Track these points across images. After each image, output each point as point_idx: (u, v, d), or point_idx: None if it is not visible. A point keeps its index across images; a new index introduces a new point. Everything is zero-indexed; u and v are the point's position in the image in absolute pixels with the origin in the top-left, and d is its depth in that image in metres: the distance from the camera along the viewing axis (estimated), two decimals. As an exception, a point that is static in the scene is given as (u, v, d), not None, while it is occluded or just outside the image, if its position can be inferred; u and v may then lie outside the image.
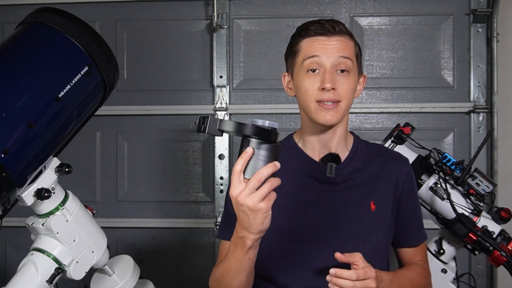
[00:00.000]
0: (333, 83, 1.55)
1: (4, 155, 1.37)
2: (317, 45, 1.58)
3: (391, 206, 1.67)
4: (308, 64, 1.58)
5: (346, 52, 1.58)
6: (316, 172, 1.64)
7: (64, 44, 1.55)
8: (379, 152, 1.74)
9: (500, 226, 2.02)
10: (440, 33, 3.08)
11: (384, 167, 1.69)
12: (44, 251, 1.57)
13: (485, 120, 3.00)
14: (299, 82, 1.62)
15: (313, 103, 1.58)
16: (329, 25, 1.58)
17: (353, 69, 1.60)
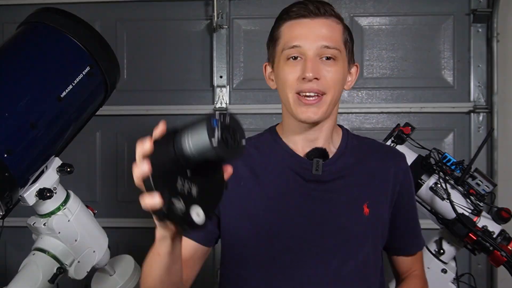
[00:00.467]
0: (316, 72, 1.36)
1: (6, 155, 1.38)
2: (298, 31, 1.39)
3: (386, 209, 1.49)
4: (288, 53, 1.40)
5: (332, 40, 1.39)
6: (301, 169, 1.44)
7: (66, 44, 1.56)
8: (373, 147, 1.56)
9: (500, 226, 2.02)
10: (440, 33, 3.08)
11: (379, 164, 1.50)
12: (46, 251, 1.58)
13: (485, 120, 3.01)
14: (279, 71, 1.43)
15: (292, 95, 1.40)
16: (313, 6, 1.39)
17: (341, 57, 1.42)
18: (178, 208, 0.96)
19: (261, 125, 3.11)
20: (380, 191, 1.48)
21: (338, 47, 1.41)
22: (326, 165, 1.44)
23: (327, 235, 1.42)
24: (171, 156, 0.99)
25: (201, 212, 0.98)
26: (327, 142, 1.48)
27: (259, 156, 1.48)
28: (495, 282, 2.95)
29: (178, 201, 0.97)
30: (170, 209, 0.96)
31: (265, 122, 3.11)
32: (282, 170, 1.46)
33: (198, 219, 0.97)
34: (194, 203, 0.98)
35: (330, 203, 1.44)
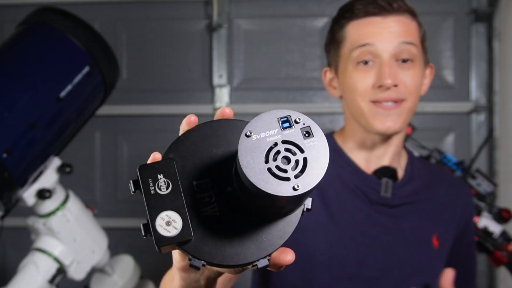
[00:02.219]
0: (394, 78, 1.18)
1: (6, 155, 1.38)
2: (369, 29, 1.20)
3: (450, 244, 1.34)
4: (358, 55, 1.21)
5: (409, 36, 1.22)
6: (367, 189, 1.26)
7: (65, 44, 1.55)
8: (440, 175, 1.40)
9: (501, 226, 2.02)
10: (440, 33, 3.08)
11: (447, 193, 1.35)
12: (45, 251, 1.58)
13: (485, 120, 3.00)
14: (347, 78, 1.23)
15: (366, 104, 1.21)
16: (385, 2, 1.20)
17: (419, 57, 1.25)
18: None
19: (261, 125, 3.10)
20: (448, 223, 1.33)
21: (416, 43, 1.25)
22: (395, 188, 1.28)
23: (392, 266, 1.26)
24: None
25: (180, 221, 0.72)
26: (394, 160, 1.31)
27: None
28: (496, 282, 2.95)
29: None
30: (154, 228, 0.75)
31: (265, 122, 3.10)
32: (345, 187, 1.27)
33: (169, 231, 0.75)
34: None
35: (398, 231, 1.28)
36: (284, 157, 0.60)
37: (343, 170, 1.28)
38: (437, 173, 1.39)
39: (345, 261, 1.24)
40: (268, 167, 0.59)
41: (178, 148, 0.71)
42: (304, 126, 0.62)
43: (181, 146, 0.71)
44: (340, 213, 1.25)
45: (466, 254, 1.39)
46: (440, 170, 1.45)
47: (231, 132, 0.73)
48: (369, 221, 1.26)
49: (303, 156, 0.60)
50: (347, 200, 1.26)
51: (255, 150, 0.60)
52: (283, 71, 3.13)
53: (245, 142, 0.60)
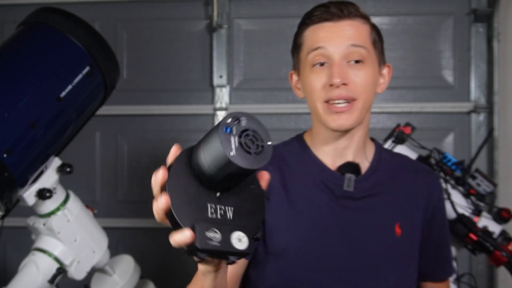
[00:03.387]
0: (344, 77, 1.27)
1: (6, 155, 1.38)
2: (321, 34, 1.31)
3: (419, 231, 1.41)
4: (312, 58, 1.31)
5: (358, 39, 1.30)
6: (332, 184, 1.35)
7: (66, 44, 1.56)
8: (407, 164, 1.47)
9: (500, 226, 2.02)
10: (440, 33, 3.08)
11: (413, 182, 1.42)
12: (46, 251, 1.58)
13: (485, 120, 3.00)
14: (305, 80, 1.34)
15: (321, 104, 1.31)
16: (336, 8, 1.31)
17: (370, 58, 1.32)
18: (215, 240, 0.82)
19: (261, 125, 3.10)
20: (413, 211, 1.40)
21: (366, 46, 1.31)
22: (358, 181, 1.36)
23: (357, 256, 1.34)
24: (191, 179, 0.86)
25: (243, 236, 0.84)
26: (358, 153, 1.39)
27: (288, 169, 1.39)
28: (496, 282, 2.95)
29: (213, 231, 0.83)
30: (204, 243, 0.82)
31: (265, 122, 3.07)
32: (311, 184, 1.37)
33: (241, 245, 0.83)
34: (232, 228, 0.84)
35: (361, 222, 1.36)
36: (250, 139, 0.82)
37: (310, 168, 1.38)
38: (404, 163, 1.47)
39: (314, 253, 1.32)
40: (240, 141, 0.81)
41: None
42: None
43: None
44: (306, 209, 1.34)
45: (438, 238, 1.45)
46: (408, 160, 1.52)
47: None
48: (334, 215, 1.34)
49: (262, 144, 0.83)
50: (313, 197, 1.35)
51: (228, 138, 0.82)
52: (283, 71, 3.13)
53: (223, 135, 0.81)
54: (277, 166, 1.38)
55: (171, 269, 3.17)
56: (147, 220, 3.22)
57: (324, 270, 1.33)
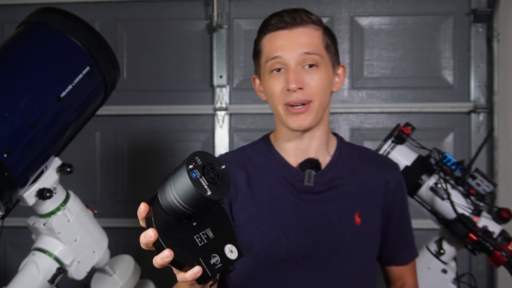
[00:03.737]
0: (299, 82, 1.38)
1: (6, 155, 1.38)
2: (277, 43, 1.42)
3: (378, 218, 1.50)
4: (270, 65, 1.43)
5: (311, 46, 1.41)
6: (294, 180, 1.46)
7: (66, 44, 1.56)
8: (367, 157, 1.56)
9: (500, 226, 2.02)
10: (440, 33, 3.08)
11: (372, 174, 1.51)
12: (46, 251, 1.58)
13: (485, 120, 3.00)
14: (266, 85, 1.46)
15: (281, 107, 1.42)
16: (289, 17, 1.41)
17: (323, 62, 1.42)
18: (217, 263, 0.97)
19: (261, 125, 3.11)
20: (372, 200, 1.49)
21: (319, 52, 1.42)
22: (318, 176, 1.46)
23: (319, 245, 1.42)
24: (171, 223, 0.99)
25: (231, 246, 1.00)
26: (320, 150, 1.49)
27: (254, 168, 1.50)
28: (496, 282, 2.95)
29: (214, 257, 0.98)
30: (213, 270, 0.97)
31: (265, 122, 3.11)
32: (275, 181, 1.47)
33: (235, 254, 1.00)
34: (221, 245, 1.00)
35: (322, 214, 1.45)
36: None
37: (274, 166, 1.48)
38: (365, 156, 1.56)
39: (278, 245, 1.42)
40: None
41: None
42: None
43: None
44: (271, 204, 1.44)
45: (398, 224, 1.53)
46: (369, 152, 1.61)
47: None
48: (296, 208, 1.44)
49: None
50: (277, 193, 1.45)
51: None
52: (283, 71, 3.13)
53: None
54: (243, 166, 1.49)
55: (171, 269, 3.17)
56: (147, 220, 3.22)
57: (289, 260, 1.43)
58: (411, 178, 2.07)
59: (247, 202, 1.46)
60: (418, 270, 2.07)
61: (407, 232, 1.59)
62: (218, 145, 3.13)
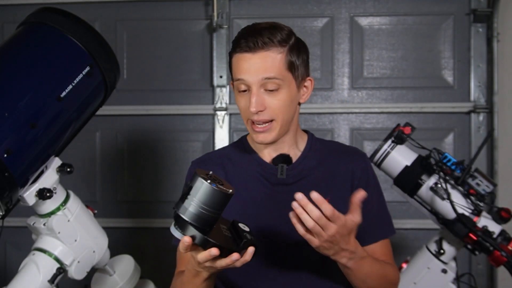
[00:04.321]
0: (259, 105, 1.49)
1: (6, 155, 1.38)
2: (242, 65, 1.50)
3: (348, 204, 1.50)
4: (237, 85, 1.54)
5: (270, 71, 1.49)
6: (268, 174, 1.60)
7: (66, 44, 1.55)
8: (335, 149, 1.69)
9: (500, 226, 2.02)
10: (440, 33, 3.08)
11: (339, 163, 1.63)
12: (46, 251, 1.58)
13: (485, 120, 3.00)
14: (236, 99, 1.58)
15: (248, 122, 1.55)
16: (253, 41, 1.49)
17: (285, 83, 1.51)
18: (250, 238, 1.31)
19: (261, 125, 3.11)
20: (340, 188, 1.60)
21: (279, 76, 1.50)
22: (290, 169, 1.59)
23: (293, 231, 1.44)
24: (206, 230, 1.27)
25: (244, 226, 1.35)
26: (291, 147, 1.62)
27: (232, 166, 1.64)
28: (495, 282, 2.95)
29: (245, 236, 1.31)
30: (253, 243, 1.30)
31: (265, 122, 3.11)
32: (251, 177, 1.61)
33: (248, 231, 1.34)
34: (239, 230, 1.32)
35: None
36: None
37: (251, 164, 1.62)
38: (333, 149, 1.68)
39: (256, 233, 1.47)
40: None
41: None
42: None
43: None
44: (247, 198, 1.57)
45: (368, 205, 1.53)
46: (338, 145, 1.73)
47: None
48: (271, 200, 1.58)
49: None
50: (253, 187, 1.59)
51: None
52: (283, 71, 3.13)
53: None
54: (220, 165, 1.63)
55: (171, 269, 3.17)
56: (147, 220, 3.22)
57: (265, 246, 1.54)
58: (411, 178, 2.07)
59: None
60: (418, 270, 2.08)
61: (375, 213, 1.62)
62: (218, 145, 3.13)
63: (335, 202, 1.47)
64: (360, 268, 1.47)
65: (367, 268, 1.50)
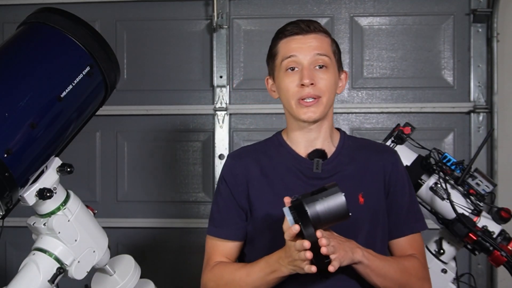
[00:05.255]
0: (312, 78, 1.59)
1: (6, 155, 1.38)
2: (293, 45, 1.62)
3: (381, 198, 1.68)
4: (286, 64, 1.62)
5: (322, 49, 1.62)
6: (303, 168, 1.66)
7: (66, 44, 1.55)
8: (366, 146, 1.76)
9: (500, 226, 2.02)
10: (440, 33, 3.08)
11: (370, 160, 1.69)
12: (46, 251, 1.58)
13: (485, 120, 3.01)
14: (280, 82, 1.65)
15: (294, 101, 1.62)
16: (304, 24, 1.63)
17: (331, 64, 1.63)
18: None
19: (261, 125, 3.11)
20: (372, 182, 1.67)
21: (328, 55, 1.63)
22: (325, 164, 1.65)
23: None
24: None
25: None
26: (325, 141, 1.69)
27: (267, 159, 1.70)
28: (495, 282, 2.96)
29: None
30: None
31: (265, 122, 3.11)
32: (287, 170, 1.67)
33: None
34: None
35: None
36: None
37: (286, 158, 1.68)
38: (365, 146, 1.75)
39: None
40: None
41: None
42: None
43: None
44: (284, 191, 1.58)
45: (399, 199, 1.68)
46: (369, 143, 1.80)
47: None
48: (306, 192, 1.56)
49: None
50: (289, 180, 1.65)
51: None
52: (283, 71, 3.13)
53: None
54: (255, 159, 1.70)
55: (171, 269, 3.17)
56: (147, 220, 3.22)
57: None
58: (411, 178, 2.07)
59: (263, 189, 1.66)
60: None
61: (407, 208, 1.70)
62: (218, 145, 3.13)
63: (368, 196, 1.64)
64: (376, 262, 1.55)
65: (382, 262, 1.57)
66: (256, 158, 1.71)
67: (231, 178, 1.69)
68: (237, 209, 1.68)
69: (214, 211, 1.74)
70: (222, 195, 1.71)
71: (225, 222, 1.69)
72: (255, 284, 1.57)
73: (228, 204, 1.69)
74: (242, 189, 1.67)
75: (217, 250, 1.71)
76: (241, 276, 1.60)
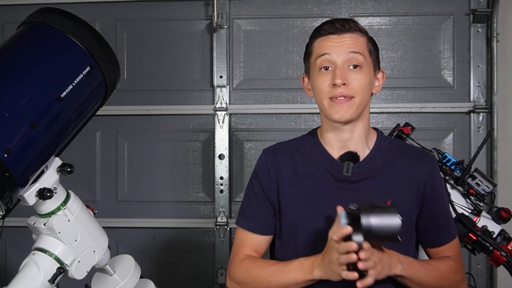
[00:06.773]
0: (344, 78, 1.56)
1: (7, 155, 1.38)
2: (327, 43, 1.61)
3: (412, 206, 1.65)
4: (320, 63, 1.61)
5: (356, 47, 1.60)
6: (334, 170, 1.65)
7: (66, 44, 1.55)
8: (403, 150, 1.72)
9: (500, 226, 2.02)
10: (440, 33, 3.08)
11: (406, 166, 1.66)
12: (46, 251, 1.58)
13: (485, 120, 3.01)
14: (314, 81, 1.64)
15: (326, 100, 1.60)
16: (340, 24, 1.61)
17: (366, 64, 1.61)
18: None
19: (261, 125, 3.11)
20: (405, 189, 1.64)
21: (363, 53, 1.60)
22: (356, 167, 1.63)
23: None
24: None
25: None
26: (359, 143, 1.67)
27: (300, 158, 1.70)
28: (495, 282, 2.96)
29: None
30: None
31: (265, 122, 3.11)
32: (318, 171, 1.67)
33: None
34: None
35: (357, 199, 1.55)
36: None
37: (319, 158, 1.68)
38: (401, 150, 1.72)
39: (318, 225, 1.63)
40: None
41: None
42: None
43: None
44: (313, 190, 1.65)
45: (431, 210, 1.67)
46: (406, 146, 1.79)
47: None
48: (335, 195, 1.63)
49: None
50: (319, 181, 1.66)
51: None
52: (283, 71, 3.13)
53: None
54: (289, 157, 1.70)
55: (171, 269, 3.17)
56: (147, 220, 3.22)
57: (324, 238, 1.56)
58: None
59: (293, 187, 1.67)
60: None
61: (441, 217, 1.70)
62: (218, 145, 3.13)
63: (398, 202, 1.58)
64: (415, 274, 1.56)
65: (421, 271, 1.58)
66: (290, 155, 1.71)
67: (263, 174, 1.71)
68: (267, 204, 1.70)
69: (245, 203, 1.76)
70: (254, 190, 1.73)
71: (255, 216, 1.71)
72: (285, 283, 1.58)
73: (259, 199, 1.71)
74: (273, 186, 1.69)
75: (246, 242, 1.72)
76: (271, 272, 1.62)
